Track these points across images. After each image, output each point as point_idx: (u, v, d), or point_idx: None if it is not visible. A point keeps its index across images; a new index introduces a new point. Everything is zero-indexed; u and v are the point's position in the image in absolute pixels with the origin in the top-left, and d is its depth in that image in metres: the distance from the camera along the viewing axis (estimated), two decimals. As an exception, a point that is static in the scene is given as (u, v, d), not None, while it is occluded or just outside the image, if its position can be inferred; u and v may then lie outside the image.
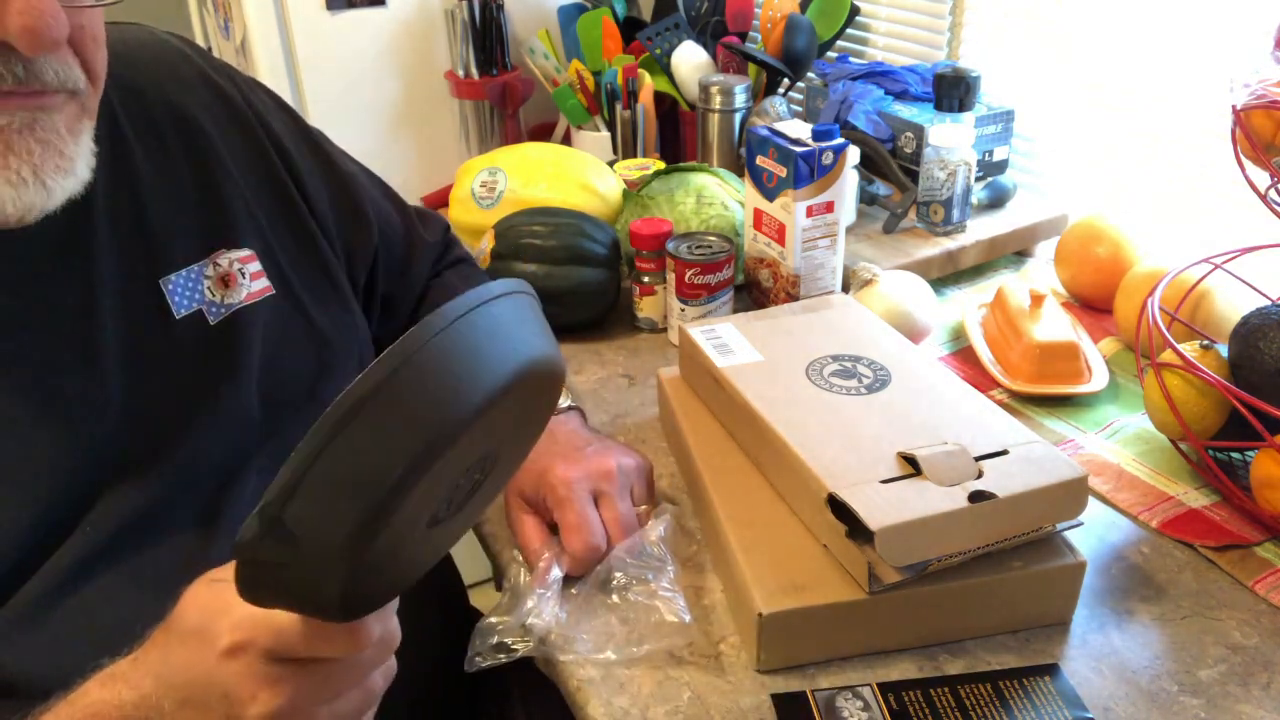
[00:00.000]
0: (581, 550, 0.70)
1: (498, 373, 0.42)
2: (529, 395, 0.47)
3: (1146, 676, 0.65)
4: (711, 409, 0.84)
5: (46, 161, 0.54)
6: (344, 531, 0.40)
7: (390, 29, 1.47)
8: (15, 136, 0.53)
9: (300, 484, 0.39)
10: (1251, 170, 0.80)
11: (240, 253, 0.70)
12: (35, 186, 0.54)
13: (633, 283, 1.08)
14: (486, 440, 0.45)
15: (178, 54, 0.73)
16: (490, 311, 0.42)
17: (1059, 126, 1.24)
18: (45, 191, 0.55)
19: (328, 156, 0.82)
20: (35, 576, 0.58)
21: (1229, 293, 0.92)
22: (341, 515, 0.39)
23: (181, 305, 0.66)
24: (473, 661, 0.66)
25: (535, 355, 0.45)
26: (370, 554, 0.41)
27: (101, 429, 0.61)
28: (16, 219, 0.55)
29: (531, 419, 0.52)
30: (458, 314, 0.41)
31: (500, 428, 0.46)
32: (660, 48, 1.44)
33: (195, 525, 0.64)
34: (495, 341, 0.42)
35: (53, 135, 0.55)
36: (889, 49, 1.44)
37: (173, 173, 0.68)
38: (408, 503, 0.41)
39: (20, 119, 0.53)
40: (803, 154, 0.96)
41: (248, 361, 0.68)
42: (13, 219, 0.55)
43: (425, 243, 0.92)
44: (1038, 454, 0.68)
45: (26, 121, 0.54)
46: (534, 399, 0.49)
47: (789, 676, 0.65)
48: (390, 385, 0.39)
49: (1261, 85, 0.74)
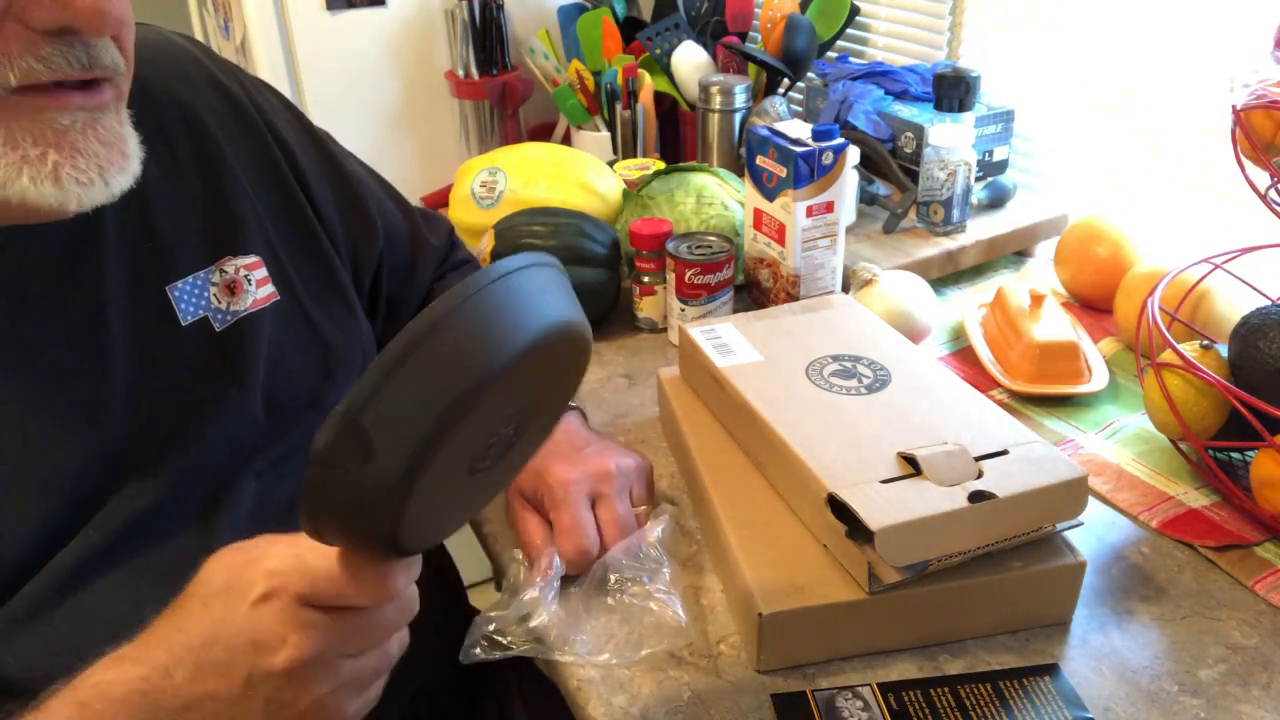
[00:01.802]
0: (572, 553, 0.70)
1: (532, 328, 0.46)
2: (560, 356, 0.50)
3: (1146, 676, 0.65)
4: (711, 409, 0.84)
5: (111, 161, 0.55)
6: (408, 450, 0.43)
7: (390, 29, 1.47)
8: (80, 138, 0.54)
9: (377, 395, 0.42)
10: (1251, 170, 0.80)
11: (246, 260, 0.70)
12: (100, 184, 0.55)
13: (633, 283, 1.08)
14: (521, 393, 0.48)
15: (186, 55, 0.73)
16: (530, 274, 0.47)
17: (1059, 126, 1.24)
18: (108, 189, 0.56)
19: (334, 159, 0.82)
20: (36, 577, 0.58)
21: (1229, 293, 0.92)
22: (407, 433, 0.43)
23: (187, 312, 0.66)
24: (468, 653, 0.66)
25: (568, 317, 0.48)
26: (424, 480, 0.44)
27: (107, 434, 0.61)
28: (73, 211, 0.55)
29: (561, 384, 0.54)
30: (505, 271, 0.45)
31: (533, 384, 0.49)
32: (660, 48, 1.44)
33: (195, 527, 0.64)
34: (532, 300, 0.46)
35: (113, 135, 0.56)
36: (889, 49, 1.44)
37: (180, 177, 0.68)
38: (457, 435, 0.44)
39: (81, 119, 0.54)
40: (803, 154, 0.96)
41: (253, 368, 0.68)
42: (70, 212, 0.55)
43: (430, 245, 0.92)
44: (1038, 454, 0.68)
45: (88, 122, 0.54)
46: (564, 362, 0.52)
47: (789, 676, 0.65)
48: (449, 322, 0.43)
49: (1261, 85, 0.74)
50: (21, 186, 0.52)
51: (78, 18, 0.51)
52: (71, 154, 0.53)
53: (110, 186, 0.56)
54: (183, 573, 0.51)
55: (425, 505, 0.46)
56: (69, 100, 0.53)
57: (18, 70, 0.50)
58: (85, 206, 0.55)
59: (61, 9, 0.50)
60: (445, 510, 0.50)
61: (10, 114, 0.51)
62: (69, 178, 0.53)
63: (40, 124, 0.52)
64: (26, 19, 0.50)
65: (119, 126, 0.57)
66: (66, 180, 0.53)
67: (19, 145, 0.52)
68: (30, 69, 0.51)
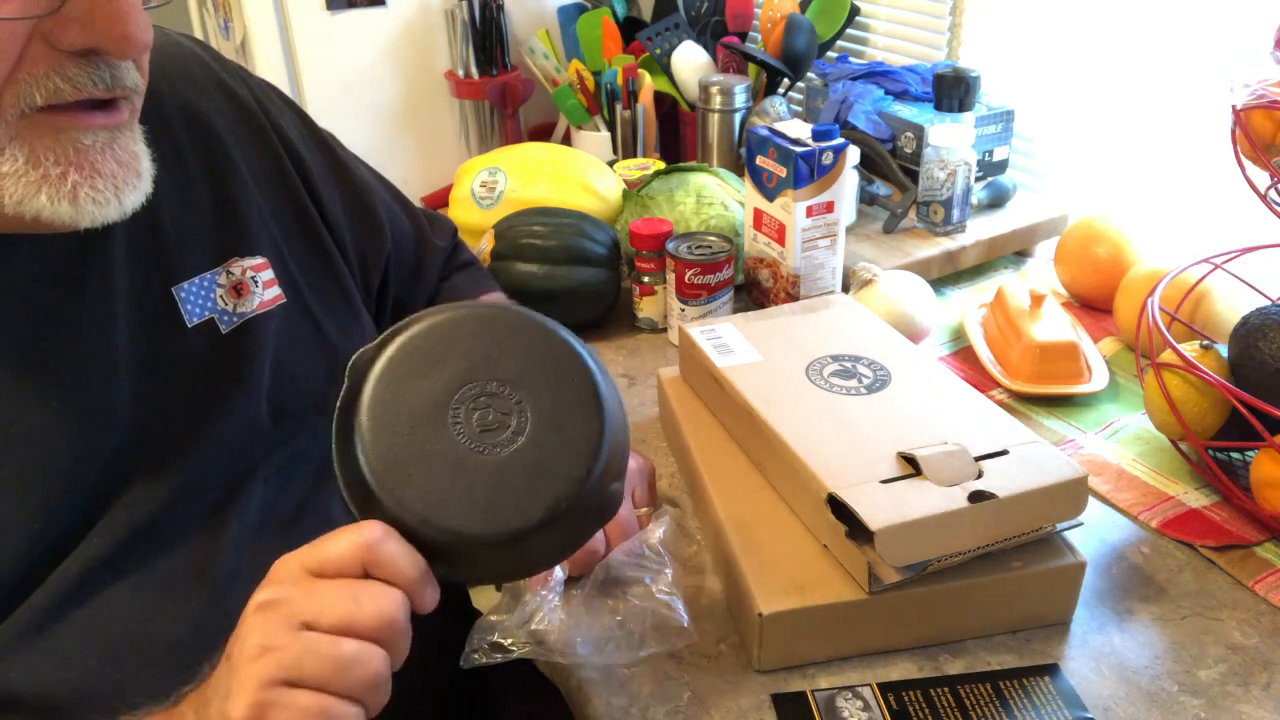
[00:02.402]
0: (579, 554, 0.70)
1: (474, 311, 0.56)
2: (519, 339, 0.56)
3: (1146, 676, 0.65)
4: (711, 409, 0.84)
5: (127, 181, 0.56)
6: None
7: (390, 29, 1.47)
8: (99, 158, 0.54)
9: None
10: (1251, 170, 0.80)
11: (253, 261, 0.70)
12: (114, 204, 0.55)
13: (633, 283, 1.08)
14: (487, 368, 0.54)
15: (192, 56, 0.73)
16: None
17: (1059, 126, 1.24)
18: (121, 207, 0.56)
19: (340, 162, 0.82)
20: (41, 587, 0.58)
21: (1229, 293, 0.92)
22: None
23: (193, 314, 0.66)
24: (469, 658, 0.66)
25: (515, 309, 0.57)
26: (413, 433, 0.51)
27: (113, 437, 0.61)
28: (84, 228, 0.56)
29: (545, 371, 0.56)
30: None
31: (500, 365, 0.55)
32: (660, 48, 1.44)
33: (202, 533, 0.64)
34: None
35: (129, 154, 0.56)
36: (889, 49, 1.44)
37: (187, 179, 0.68)
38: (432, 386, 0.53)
39: (102, 139, 0.54)
40: (803, 154, 0.96)
41: (258, 370, 0.68)
42: (81, 228, 0.56)
43: (436, 247, 0.92)
44: (1038, 454, 0.68)
45: (106, 141, 0.55)
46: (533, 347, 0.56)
47: (789, 676, 0.65)
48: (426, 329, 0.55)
49: (1261, 85, 0.74)
50: (38, 205, 0.53)
51: (105, 40, 0.51)
52: (91, 174, 0.54)
53: (123, 205, 0.56)
54: (190, 582, 0.51)
55: (416, 459, 0.51)
56: (91, 120, 0.54)
57: (44, 90, 0.51)
58: (97, 223, 0.56)
59: (90, 31, 0.50)
60: (435, 478, 0.51)
61: (35, 133, 0.52)
62: (86, 198, 0.54)
63: (63, 143, 0.53)
64: (54, 40, 0.50)
65: (134, 145, 0.57)
66: (84, 200, 0.54)
67: (41, 164, 0.52)
68: (57, 88, 0.51)
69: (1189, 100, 1.07)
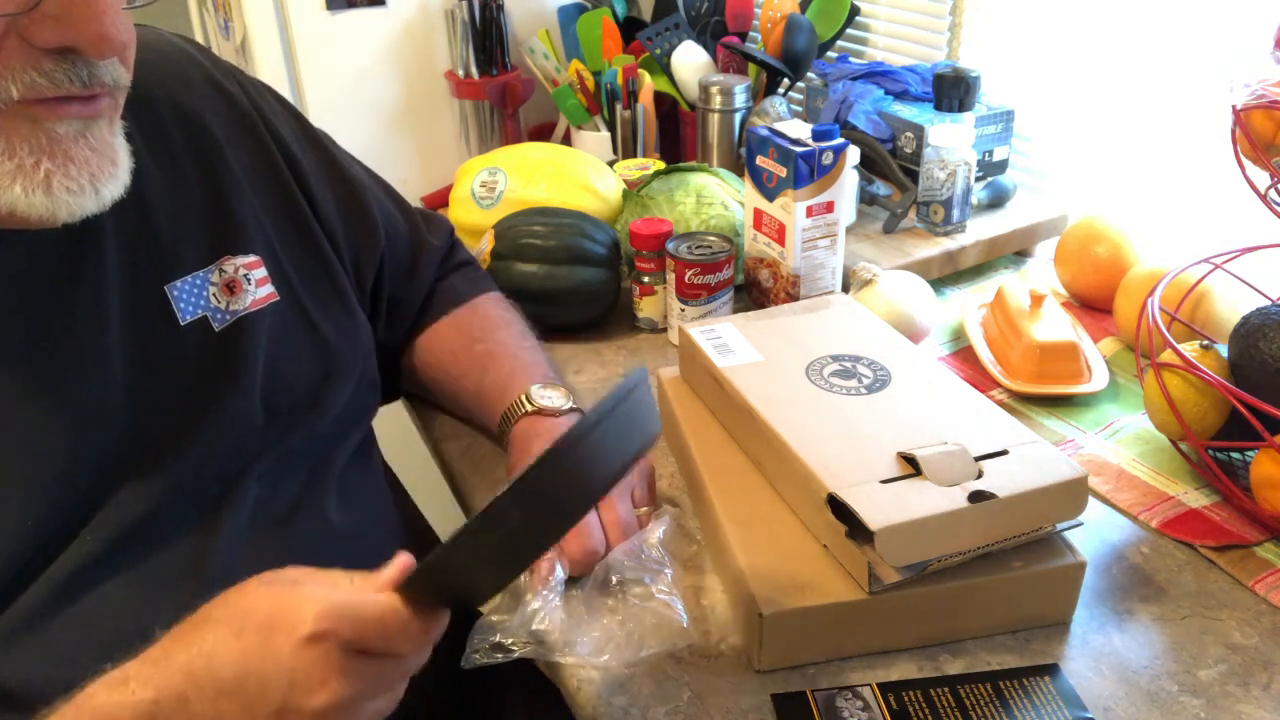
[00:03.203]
0: (579, 554, 0.70)
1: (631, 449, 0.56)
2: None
3: (1146, 676, 0.65)
4: (711, 409, 0.84)
5: (102, 170, 0.56)
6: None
7: (390, 29, 1.47)
8: (73, 146, 0.54)
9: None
10: (1251, 170, 0.80)
11: (246, 259, 0.70)
12: (90, 193, 0.55)
13: (633, 283, 1.08)
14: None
15: (185, 56, 0.73)
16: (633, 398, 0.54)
17: (1059, 126, 1.24)
18: (98, 197, 0.56)
19: (334, 161, 0.82)
20: (34, 585, 0.58)
21: (1229, 293, 0.92)
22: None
23: (186, 311, 0.66)
24: (469, 659, 0.66)
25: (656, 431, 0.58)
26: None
27: (106, 435, 0.61)
28: (62, 221, 0.56)
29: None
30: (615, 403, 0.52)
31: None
32: (660, 48, 1.44)
33: (195, 531, 0.64)
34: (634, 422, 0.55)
35: (102, 143, 0.56)
36: (889, 49, 1.44)
37: (180, 178, 0.68)
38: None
39: (75, 128, 0.54)
40: (803, 154, 0.96)
41: (251, 368, 0.68)
42: (59, 222, 0.55)
43: (431, 246, 0.92)
44: (1038, 454, 0.68)
45: (80, 130, 0.54)
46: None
47: (789, 676, 0.65)
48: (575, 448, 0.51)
49: (1261, 85, 0.74)
50: (13, 196, 0.52)
51: (80, 39, 0.51)
52: (64, 161, 0.53)
53: (100, 195, 0.56)
54: (184, 580, 0.51)
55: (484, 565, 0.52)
56: (66, 110, 0.53)
57: (20, 84, 0.51)
58: (75, 217, 0.55)
59: (65, 30, 0.50)
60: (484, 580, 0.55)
61: (12, 124, 0.52)
62: (60, 186, 0.53)
63: (38, 133, 0.52)
64: (29, 37, 0.50)
65: (110, 136, 0.57)
66: (58, 189, 0.53)
67: (16, 154, 0.52)
68: (33, 83, 0.51)
69: (1189, 100, 1.07)
